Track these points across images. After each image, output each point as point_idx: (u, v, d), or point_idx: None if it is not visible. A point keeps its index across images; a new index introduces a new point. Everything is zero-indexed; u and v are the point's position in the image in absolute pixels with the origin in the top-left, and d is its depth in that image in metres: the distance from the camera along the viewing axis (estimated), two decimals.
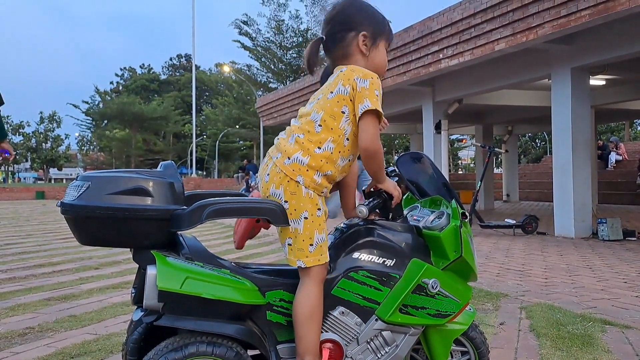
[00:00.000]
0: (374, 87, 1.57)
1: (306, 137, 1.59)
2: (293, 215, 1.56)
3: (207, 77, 53.77)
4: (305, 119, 1.63)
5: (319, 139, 1.58)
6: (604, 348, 2.46)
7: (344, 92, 1.58)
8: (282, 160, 1.59)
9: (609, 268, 4.73)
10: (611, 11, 5.58)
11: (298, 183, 1.56)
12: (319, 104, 1.62)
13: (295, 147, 1.59)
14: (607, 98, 10.79)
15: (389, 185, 1.73)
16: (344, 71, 1.61)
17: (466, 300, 1.76)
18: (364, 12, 1.66)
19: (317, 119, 1.60)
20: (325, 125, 1.59)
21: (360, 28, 1.64)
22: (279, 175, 1.58)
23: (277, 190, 1.57)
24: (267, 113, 15.83)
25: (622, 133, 34.12)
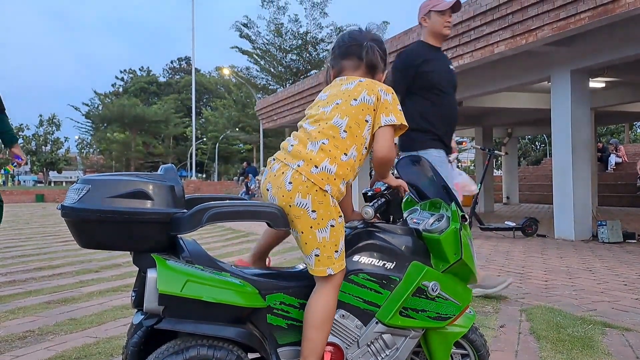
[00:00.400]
0: (396, 102, 1.65)
1: (331, 142, 1.59)
2: (321, 225, 1.55)
3: (207, 80, 53.82)
4: (326, 123, 1.62)
5: (345, 146, 1.60)
6: (604, 351, 2.46)
7: (369, 102, 1.62)
8: (307, 169, 1.57)
9: (609, 270, 4.73)
10: (611, 13, 5.59)
11: (326, 192, 1.56)
12: (341, 109, 1.63)
13: (322, 155, 1.58)
14: (607, 100, 10.79)
15: (394, 182, 1.77)
16: (364, 82, 1.66)
17: (466, 303, 1.77)
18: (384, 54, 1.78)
19: (343, 124, 1.61)
20: (350, 132, 1.60)
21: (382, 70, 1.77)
22: (305, 184, 1.56)
23: (304, 200, 1.55)
24: (267, 116, 15.84)
25: (622, 135, 34.14)
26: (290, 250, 6.48)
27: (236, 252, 6.38)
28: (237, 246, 7.08)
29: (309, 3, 27.13)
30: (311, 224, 1.56)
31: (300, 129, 1.70)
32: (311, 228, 1.56)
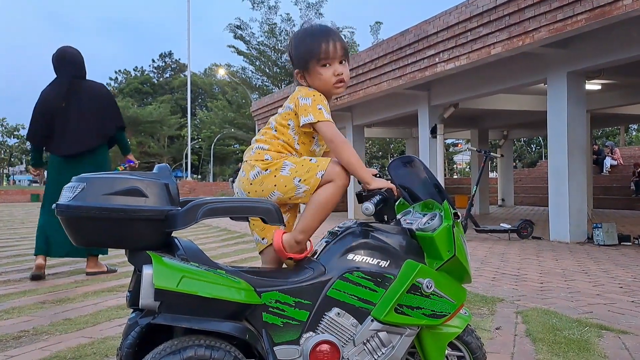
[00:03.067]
0: (316, 102, 1.79)
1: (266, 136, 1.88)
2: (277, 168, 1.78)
3: (201, 80, 53.75)
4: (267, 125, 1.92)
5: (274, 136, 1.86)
6: (601, 354, 2.46)
7: (289, 109, 1.86)
8: (249, 154, 1.86)
9: (604, 273, 4.74)
10: (607, 16, 5.61)
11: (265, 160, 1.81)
12: (274, 117, 1.91)
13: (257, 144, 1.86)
14: (603, 103, 10.84)
15: (380, 184, 1.78)
16: (293, 93, 1.87)
17: (461, 301, 1.78)
18: (294, 50, 1.90)
19: (272, 125, 1.89)
20: (278, 130, 1.87)
21: (295, 66, 1.91)
22: (249, 164, 1.82)
23: (252, 171, 1.79)
24: (263, 116, 15.83)
25: (618, 138, 34.29)
26: None
27: (232, 252, 6.37)
28: (233, 247, 7.06)
29: (304, 4, 27.14)
30: (273, 174, 1.77)
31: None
32: (275, 177, 1.77)
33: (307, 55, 1.84)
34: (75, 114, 4.36)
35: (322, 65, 1.83)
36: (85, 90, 4.40)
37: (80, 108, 4.36)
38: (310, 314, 1.62)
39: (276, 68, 27.79)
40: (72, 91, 4.36)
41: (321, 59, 1.82)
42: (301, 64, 1.86)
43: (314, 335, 1.62)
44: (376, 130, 16.18)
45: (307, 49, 1.84)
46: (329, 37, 1.84)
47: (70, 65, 4.43)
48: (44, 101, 4.39)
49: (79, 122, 4.36)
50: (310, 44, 1.84)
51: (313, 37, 1.86)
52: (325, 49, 1.81)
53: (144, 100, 53.46)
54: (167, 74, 62.65)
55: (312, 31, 1.88)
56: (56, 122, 4.36)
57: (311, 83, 1.86)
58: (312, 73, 1.84)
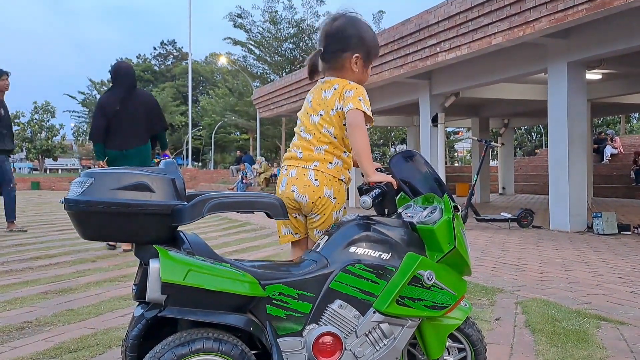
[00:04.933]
0: (357, 94, 1.87)
1: (331, 145, 1.94)
2: (337, 208, 1.95)
3: (202, 68, 53.50)
4: (320, 132, 1.94)
5: (341, 147, 1.95)
6: (599, 344, 2.49)
7: (340, 108, 1.90)
8: (324, 167, 1.94)
9: (604, 263, 4.77)
10: (608, 6, 5.57)
11: (342, 181, 1.97)
12: (325, 119, 1.94)
13: (329, 155, 1.94)
14: (604, 92, 10.81)
15: (379, 178, 1.85)
16: (337, 88, 1.90)
17: (461, 293, 1.81)
18: (361, 34, 1.92)
19: (331, 132, 1.93)
20: (339, 136, 1.94)
21: (355, 50, 1.92)
22: (327, 178, 1.93)
23: (329, 191, 1.93)
24: (264, 105, 15.78)
25: (618, 126, 34.22)
26: None
27: (233, 242, 6.40)
28: (234, 236, 7.09)
29: None
30: (332, 208, 1.94)
31: (300, 138, 2.00)
32: (331, 212, 1.94)
33: (375, 49, 1.97)
34: (127, 116, 5.21)
35: (371, 65, 2.00)
36: (136, 97, 5.28)
37: (132, 112, 5.21)
38: (313, 306, 1.65)
39: (277, 56, 27.64)
40: (125, 98, 5.23)
41: (373, 60, 1.99)
42: (365, 52, 1.92)
43: (317, 327, 1.65)
44: (377, 118, 16.14)
45: (374, 42, 1.95)
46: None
47: (124, 77, 5.33)
48: (102, 106, 5.28)
49: (131, 123, 5.21)
50: (376, 40, 1.97)
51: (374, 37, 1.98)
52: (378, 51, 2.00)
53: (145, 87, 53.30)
54: (169, 62, 62.36)
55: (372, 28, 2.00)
56: (112, 123, 5.22)
57: (357, 70, 1.94)
58: (366, 65, 1.95)
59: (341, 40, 1.91)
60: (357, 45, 1.91)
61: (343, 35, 1.91)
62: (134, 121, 5.22)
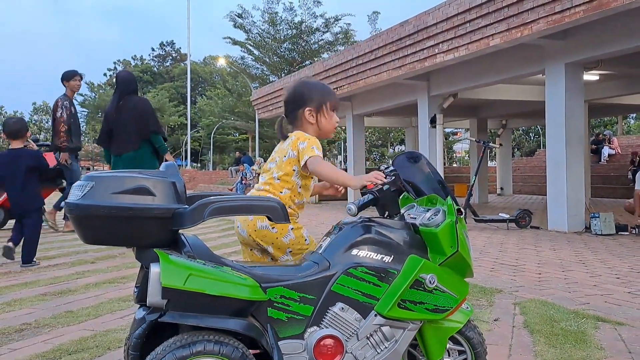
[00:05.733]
0: (310, 144, 2.02)
1: (271, 187, 2.07)
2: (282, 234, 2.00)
3: (201, 69, 53.46)
4: (270, 174, 2.10)
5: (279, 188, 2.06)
6: (597, 345, 2.50)
7: (292, 156, 2.05)
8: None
9: (601, 263, 4.78)
10: (605, 7, 5.60)
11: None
12: (278, 164, 2.09)
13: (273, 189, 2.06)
14: (601, 93, 10.84)
15: (358, 182, 1.91)
16: (293, 140, 2.06)
17: (463, 296, 1.80)
18: (308, 90, 2.15)
19: (278, 174, 2.07)
20: (282, 179, 2.06)
21: (306, 104, 2.12)
22: None
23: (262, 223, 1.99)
24: (263, 106, 15.79)
25: (615, 127, 34.28)
26: None
27: (233, 242, 6.40)
28: (233, 237, 7.09)
29: None
30: (275, 236, 1.99)
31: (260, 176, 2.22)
32: (277, 239, 1.99)
33: (324, 98, 2.16)
34: (121, 122, 5.47)
35: (332, 110, 2.18)
36: (129, 104, 5.49)
37: (124, 118, 5.45)
38: (315, 308, 1.65)
39: (276, 57, 27.61)
40: (121, 105, 5.50)
41: (333, 105, 2.17)
42: (315, 104, 2.13)
43: (318, 330, 1.65)
44: (376, 119, 16.17)
45: (324, 93, 2.17)
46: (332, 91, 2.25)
47: (120, 85, 5.62)
48: (105, 112, 5.75)
49: (124, 129, 5.46)
50: (327, 91, 2.20)
51: (325, 87, 2.23)
52: (335, 98, 2.21)
53: (144, 89, 53.22)
54: (168, 63, 62.31)
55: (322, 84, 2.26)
56: (112, 129, 5.53)
57: (317, 121, 2.14)
58: (322, 113, 2.14)
59: (294, 101, 2.15)
60: (307, 100, 2.13)
61: (295, 97, 2.16)
62: (126, 127, 5.46)
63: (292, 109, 2.16)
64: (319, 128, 2.15)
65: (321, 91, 2.18)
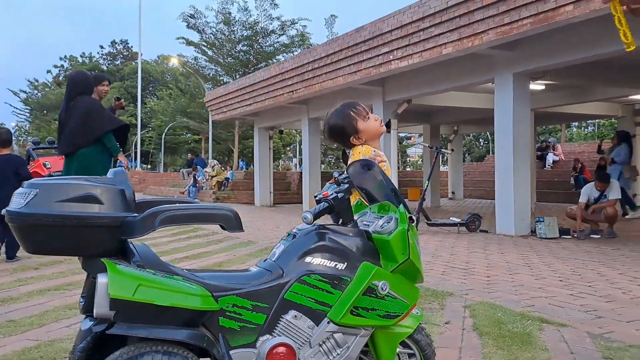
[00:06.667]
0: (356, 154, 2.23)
1: None
2: None
3: (153, 68, 52.25)
4: None
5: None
6: (542, 346, 2.60)
7: None
8: None
9: (546, 266, 4.98)
10: (551, 21, 5.85)
11: None
12: None
13: None
14: (546, 102, 11.31)
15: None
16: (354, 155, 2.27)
17: (414, 301, 1.84)
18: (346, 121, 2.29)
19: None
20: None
21: (350, 133, 2.28)
22: None
23: None
24: (217, 107, 15.61)
25: (559, 135, 35.83)
26: (242, 245, 6.44)
27: (184, 247, 6.28)
28: (184, 241, 6.97)
29: None
30: None
31: None
32: None
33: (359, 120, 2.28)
34: (69, 122, 5.43)
35: (366, 117, 2.30)
36: (78, 103, 5.42)
37: (72, 117, 5.40)
38: (268, 317, 1.64)
39: (230, 58, 27.30)
40: (70, 105, 5.45)
41: (364, 115, 2.30)
42: (353, 130, 2.28)
43: (271, 338, 1.64)
44: None
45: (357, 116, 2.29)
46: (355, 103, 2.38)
47: (70, 86, 5.59)
48: (58, 115, 5.69)
49: (70, 129, 5.40)
50: (354, 114, 2.30)
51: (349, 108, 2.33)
52: (361, 109, 2.32)
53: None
54: (118, 61, 60.53)
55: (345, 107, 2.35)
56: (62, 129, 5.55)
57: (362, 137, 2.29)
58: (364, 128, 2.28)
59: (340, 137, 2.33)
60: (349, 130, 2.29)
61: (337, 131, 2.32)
62: (73, 127, 5.42)
63: (345, 143, 2.36)
64: (370, 138, 2.31)
65: (349, 116, 2.32)
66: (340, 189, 1.88)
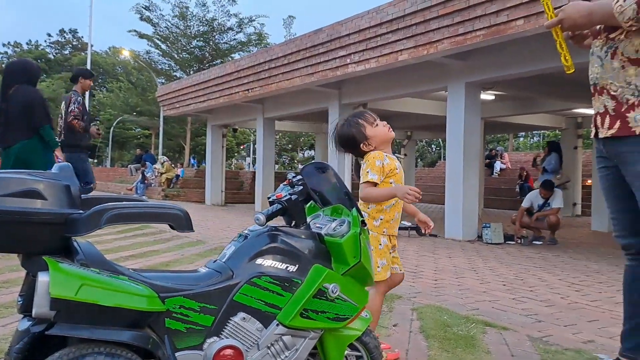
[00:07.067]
0: (366, 168, 2.40)
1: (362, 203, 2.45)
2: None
3: (103, 60, 50.60)
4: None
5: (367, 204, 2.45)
6: (484, 349, 2.67)
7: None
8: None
9: (490, 271, 5.14)
10: (502, 34, 6.06)
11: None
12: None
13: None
14: (495, 112, 11.71)
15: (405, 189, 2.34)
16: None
17: (363, 304, 1.86)
18: (355, 129, 2.44)
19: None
20: None
21: (360, 140, 2.44)
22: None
23: None
24: (169, 103, 15.28)
25: (507, 144, 37.15)
26: (191, 245, 6.32)
27: (130, 246, 6.11)
28: (130, 239, 6.77)
29: None
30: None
31: None
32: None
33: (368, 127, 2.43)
34: (8, 113, 5.19)
35: (374, 124, 2.45)
36: (18, 93, 5.20)
37: (12, 108, 5.16)
38: (216, 318, 1.62)
39: (185, 53, 26.80)
40: (9, 94, 5.20)
41: (371, 122, 2.45)
42: (362, 137, 2.43)
43: (218, 340, 1.62)
44: (287, 123, 16.24)
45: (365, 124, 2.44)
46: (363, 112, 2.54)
47: (8, 75, 5.36)
48: None
49: (10, 119, 5.18)
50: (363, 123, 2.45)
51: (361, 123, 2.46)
52: (369, 117, 2.47)
53: None
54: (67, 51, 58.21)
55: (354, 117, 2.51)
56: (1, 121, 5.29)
57: (375, 145, 2.44)
58: (372, 135, 2.43)
59: (351, 146, 2.49)
60: (358, 139, 2.45)
61: (346, 140, 2.48)
62: (13, 118, 5.19)
63: (356, 152, 2.50)
64: (379, 144, 2.46)
65: (357, 123, 2.45)
66: (294, 190, 1.88)
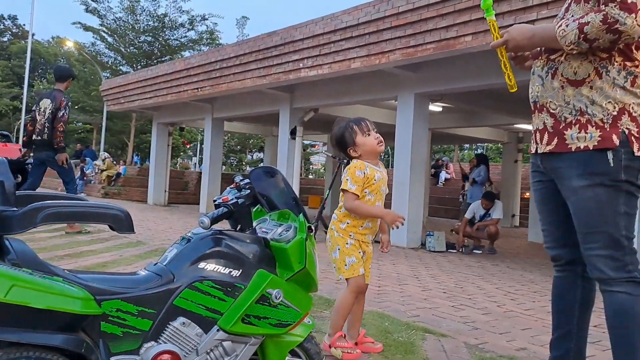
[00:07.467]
0: (347, 175, 2.61)
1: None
2: (331, 249, 2.73)
3: (45, 50, 48.42)
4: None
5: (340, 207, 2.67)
6: (423, 356, 2.72)
7: None
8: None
9: (432, 278, 5.26)
10: (451, 48, 6.25)
11: (332, 229, 2.73)
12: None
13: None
14: (442, 123, 12.05)
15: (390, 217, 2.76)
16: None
17: (306, 310, 1.85)
18: (346, 132, 2.66)
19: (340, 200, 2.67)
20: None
21: (348, 144, 2.65)
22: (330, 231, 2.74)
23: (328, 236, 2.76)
24: (113, 97, 14.79)
25: (452, 154, 38.28)
26: (130, 246, 6.13)
27: (65, 244, 5.85)
28: (66, 238, 6.49)
29: None
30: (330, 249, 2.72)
31: None
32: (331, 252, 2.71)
33: (358, 133, 2.63)
34: None
35: (366, 134, 2.62)
36: None
37: None
38: (154, 323, 1.57)
39: (132, 48, 25.99)
40: None
41: (364, 132, 2.62)
42: (351, 143, 2.62)
43: (156, 345, 1.57)
44: (236, 124, 16.07)
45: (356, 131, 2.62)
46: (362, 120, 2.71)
47: None
48: None
49: None
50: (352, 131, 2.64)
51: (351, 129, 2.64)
52: (362, 125, 2.64)
53: None
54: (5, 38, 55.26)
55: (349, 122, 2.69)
56: None
57: (361, 152, 2.63)
58: (361, 142, 2.61)
59: (342, 146, 2.69)
60: (347, 143, 2.65)
61: (337, 140, 2.70)
62: None
63: (345, 153, 2.69)
64: (366, 154, 2.61)
65: (351, 128, 2.62)
66: (241, 194, 1.86)
